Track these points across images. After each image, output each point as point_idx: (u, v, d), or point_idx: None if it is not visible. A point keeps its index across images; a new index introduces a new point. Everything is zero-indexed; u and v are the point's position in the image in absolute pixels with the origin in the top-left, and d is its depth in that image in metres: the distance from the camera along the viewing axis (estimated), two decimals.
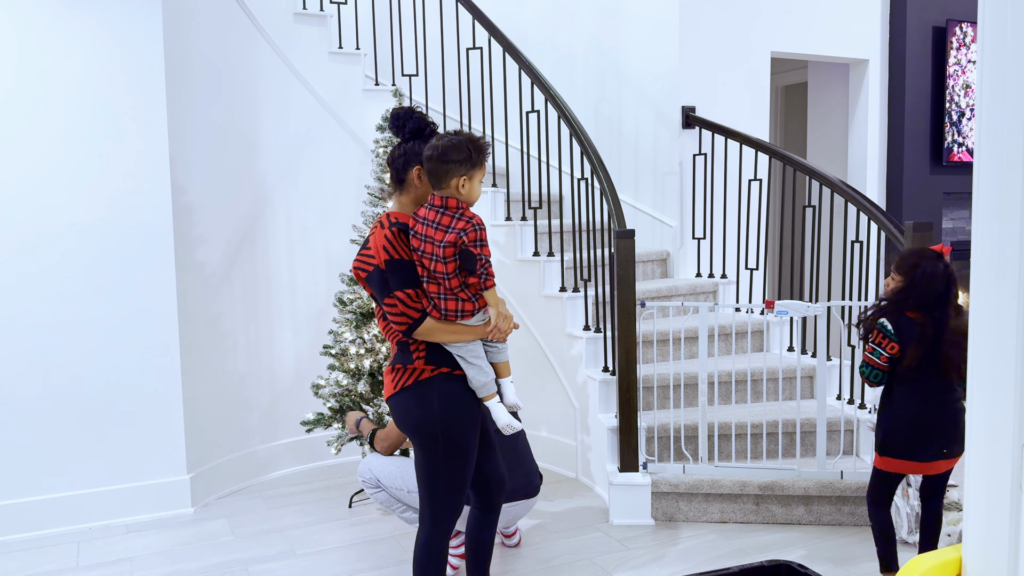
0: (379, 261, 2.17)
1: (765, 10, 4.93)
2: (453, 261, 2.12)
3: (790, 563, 1.95)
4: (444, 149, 2.13)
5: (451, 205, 2.15)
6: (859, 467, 3.47)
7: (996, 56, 1.43)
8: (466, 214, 2.15)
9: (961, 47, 5.58)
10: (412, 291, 2.15)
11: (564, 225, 4.62)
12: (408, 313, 2.15)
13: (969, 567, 1.55)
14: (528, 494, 3.09)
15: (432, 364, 2.21)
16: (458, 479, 2.25)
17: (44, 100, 3.44)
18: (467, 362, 2.22)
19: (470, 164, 2.15)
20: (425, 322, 2.17)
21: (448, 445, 2.21)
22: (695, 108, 4.71)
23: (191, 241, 3.86)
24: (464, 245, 2.10)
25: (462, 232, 2.10)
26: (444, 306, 2.15)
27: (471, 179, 2.16)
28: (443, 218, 2.13)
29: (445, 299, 2.15)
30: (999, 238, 1.44)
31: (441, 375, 2.21)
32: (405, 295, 2.15)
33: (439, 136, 2.19)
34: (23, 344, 3.47)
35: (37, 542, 3.46)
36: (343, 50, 4.46)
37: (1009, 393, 1.43)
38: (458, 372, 2.23)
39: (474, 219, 2.14)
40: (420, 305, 2.16)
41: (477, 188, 2.19)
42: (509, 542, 3.33)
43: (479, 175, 2.19)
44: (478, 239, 2.13)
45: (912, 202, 5.49)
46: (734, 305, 3.68)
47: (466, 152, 2.14)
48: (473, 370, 2.22)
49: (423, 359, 2.21)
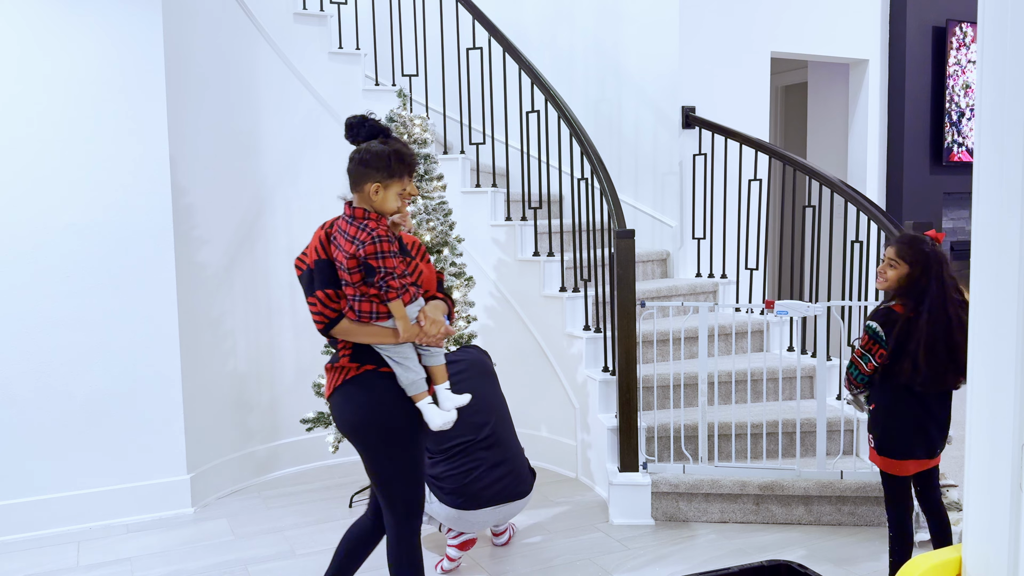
0: (311, 261, 2.20)
1: (765, 10, 4.93)
2: (357, 272, 2.12)
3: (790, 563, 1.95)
4: (366, 153, 2.15)
5: (358, 215, 2.15)
6: (859, 467, 3.47)
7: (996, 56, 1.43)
8: (369, 226, 2.13)
9: (961, 47, 5.58)
10: (332, 291, 2.17)
11: (564, 225, 4.62)
12: (325, 313, 2.17)
13: (969, 567, 1.54)
14: (520, 495, 3.08)
15: (357, 362, 2.22)
16: (410, 470, 2.24)
17: (44, 101, 3.44)
18: (393, 361, 2.21)
19: (387, 173, 2.14)
20: (341, 322, 2.18)
21: (388, 440, 2.21)
22: (695, 108, 4.71)
23: (191, 242, 3.86)
24: (364, 258, 2.10)
25: (361, 245, 2.10)
26: (359, 307, 2.16)
27: (386, 189, 2.15)
28: (351, 228, 2.14)
29: (360, 301, 2.16)
30: (999, 238, 1.44)
31: (367, 372, 2.21)
32: (324, 295, 2.17)
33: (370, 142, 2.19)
34: (23, 344, 3.47)
35: (37, 542, 3.46)
36: (343, 50, 4.46)
37: (1009, 393, 1.43)
38: (384, 369, 2.22)
39: (376, 231, 2.11)
40: (337, 306, 2.18)
41: (391, 200, 2.16)
42: (498, 540, 3.34)
43: (396, 187, 2.16)
44: (378, 252, 2.10)
45: (912, 202, 5.49)
46: (734, 305, 3.68)
47: (386, 161, 2.14)
48: (399, 369, 2.21)
49: (348, 357, 2.23)
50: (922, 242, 2.58)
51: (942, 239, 2.62)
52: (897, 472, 2.65)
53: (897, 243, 2.61)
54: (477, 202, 4.42)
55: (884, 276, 2.62)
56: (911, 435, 2.62)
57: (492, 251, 4.40)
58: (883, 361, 2.59)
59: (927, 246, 2.57)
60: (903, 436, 2.62)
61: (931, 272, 2.53)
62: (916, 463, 2.64)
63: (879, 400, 2.67)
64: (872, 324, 2.61)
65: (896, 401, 2.62)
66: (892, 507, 2.70)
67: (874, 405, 2.68)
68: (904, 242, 2.60)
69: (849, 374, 2.69)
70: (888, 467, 2.66)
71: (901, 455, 2.63)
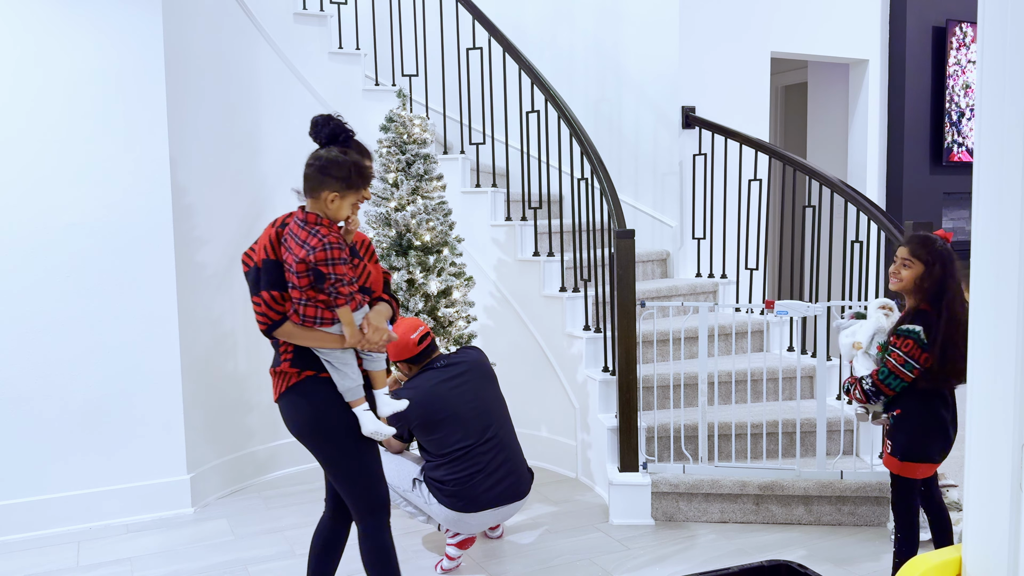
0: (258, 259, 2.19)
1: (765, 10, 4.93)
2: (306, 277, 2.11)
3: (790, 563, 1.95)
4: (327, 161, 2.13)
5: (311, 220, 2.14)
6: (859, 467, 3.47)
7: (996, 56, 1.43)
8: (321, 232, 2.11)
9: (961, 47, 5.58)
10: (277, 293, 2.16)
11: (564, 225, 4.62)
12: (268, 314, 2.16)
13: (969, 567, 1.55)
14: (519, 495, 3.08)
15: (297, 367, 2.21)
16: (366, 468, 2.25)
17: (43, 101, 3.44)
18: (332, 366, 2.21)
19: (346, 185, 2.13)
20: (285, 325, 2.17)
21: (338, 443, 2.22)
22: (695, 108, 4.71)
23: (192, 242, 3.86)
24: (314, 264, 2.09)
25: (312, 251, 2.09)
26: (303, 311, 2.15)
27: (342, 199, 2.14)
28: (302, 232, 2.13)
29: (305, 305, 2.14)
30: (999, 238, 1.44)
31: (308, 378, 2.21)
32: (270, 296, 2.16)
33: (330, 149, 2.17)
34: (24, 344, 3.47)
35: (37, 542, 3.46)
36: (343, 50, 4.46)
37: (1009, 393, 1.43)
38: (324, 374, 2.22)
39: (327, 239, 2.10)
40: (282, 308, 2.17)
41: (346, 209, 2.16)
42: (492, 534, 3.37)
43: (352, 198, 2.16)
44: (328, 259, 2.09)
45: (912, 202, 5.49)
46: (734, 305, 3.68)
47: (346, 172, 2.13)
48: (337, 375, 2.21)
49: (289, 361, 2.22)
50: (934, 241, 2.58)
51: (951, 238, 2.62)
52: (915, 476, 2.63)
53: (910, 243, 2.60)
54: (477, 202, 4.42)
55: (899, 276, 2.60)
56: (936, 438, 2.60)
57: (492, 251, 4.40)
58: (929, 365, 2.53)
59: (939, 244, 2.57)
60: (929, 440, 2.60)
61: (948, 269, 2.53)
62: (932, 466, 2.63)
63: (906, 405, 2.61)
64: (915, 329, 2.53)
65: (924, 405, 2.58)
66: (903, 510, 2.67)
67: (900, 411, 2.62)
68: (917, 241, 2.59)
69: (884, 385, 2.59)
70: (907, 471, 2.63)
71: (923, 459, 2.60)
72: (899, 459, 2.62)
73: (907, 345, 2.54)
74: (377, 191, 3.72)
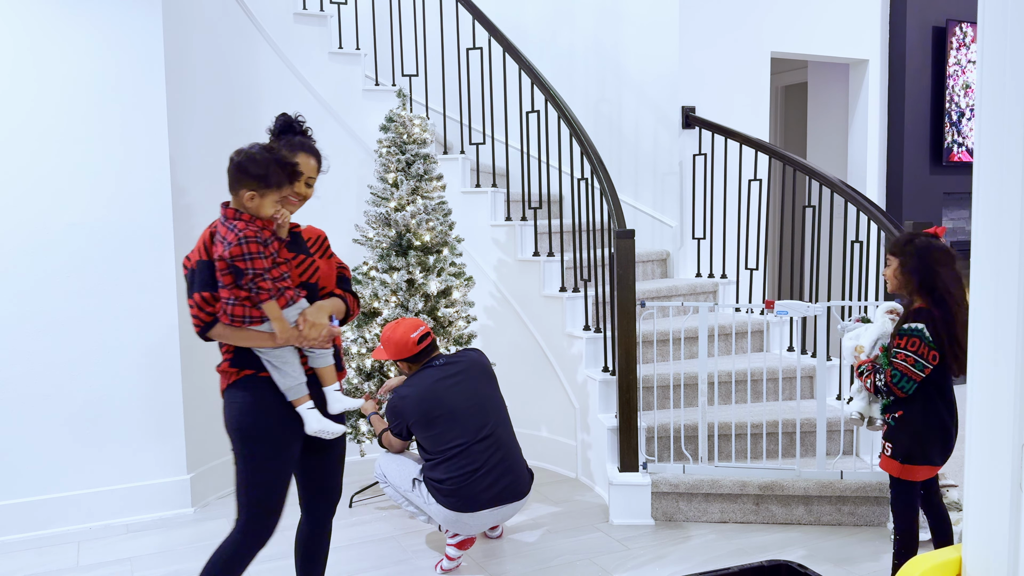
0: (193, 261, 2.16)
1: (765, 10, 4.93)
2: (227, 274, 2.08)
3: (790, 563, 1.95)
4: (244, 158, 2.09)
5: (229, 215, 2.10)
6: (859, 467, 3.47)
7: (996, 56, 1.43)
8: (238, 226, 2.07)
9: (961, 47, 5.58)
10: (208, 294, 2.12)
11: (564, 225, 4.62)
12: (200, 316, 2.12)
13: (969, 567, 1.54)
14: (518, 495, 3.08)
15: (237, 367, 2.19)
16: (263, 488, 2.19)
17: (42, 101, 3.44)
18: (272, 365, 2.17)
19: (263, 183, 2.07)
20: (216, 327, 2.14)
21: (250, 450, 2.18)
22: (695, 108, 4.71)
23: (192, 242, 3.86)
24: (230, 259, 2.05)
25: (228, 245, 2.05)
26: (231, 311, 2.10)
27: (262, 197, 2.09)
28: (222, 228, 2.10)
29: (233, 304, 2.10)
30: (999, 238, 1.44)
31: (246, 377, 2.18)
32: (201, 298, 2.12)
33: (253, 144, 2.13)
34: (24, 344, 3.47)
35: (37, 542, 3.46)
36: (343, 50, 4.46)
37: (1009, 393, 1.43)
38: (263, 374, 2.19)
39: (243, 232, 2.06)
40: (212, 309, 2.13)
41: (268, 207, 2.10)
42: (492, 534, 3.37)
43: (273, 196, 2.10)
44: (244, 253, 2.05)
45: (912, 202, 5.49)
46: (734, 305, 3.68)
47: (263, 170, 2.07)
48: (277, 374, 2.17)
49: (228, 361, 2.20)
50: (911, 236, 2.57)
51: (943, 233, 2.61)
52: (915, 478, 2.60)
53: (888, 242, 2.63)
54: (477, 202, 4.42)
55: (886, 276, 2.62)
56: (937, 441, 2.58)
57: (492, 251, 4.40)
58: (936, 362, 2.50)
59: (919, 239, 2.55)
60: (930, 443, 2.57)
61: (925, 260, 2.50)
62: (933, 469, 2.61)
63: (908, 408, 2.58)
64: (918, 326, 2.51)
65: (926, 405, 2.56)
66: (903, 511, 2.65)
67: (901, 412, 2.60)
68: (892, 239, 2.63)
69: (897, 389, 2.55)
70: (907, 474, 2.60)
71: (924, 462, 2.58)
72: (900, 462, 2.60)
73: (913, 344, 2.51)
74: (377, 191, 3.72)
